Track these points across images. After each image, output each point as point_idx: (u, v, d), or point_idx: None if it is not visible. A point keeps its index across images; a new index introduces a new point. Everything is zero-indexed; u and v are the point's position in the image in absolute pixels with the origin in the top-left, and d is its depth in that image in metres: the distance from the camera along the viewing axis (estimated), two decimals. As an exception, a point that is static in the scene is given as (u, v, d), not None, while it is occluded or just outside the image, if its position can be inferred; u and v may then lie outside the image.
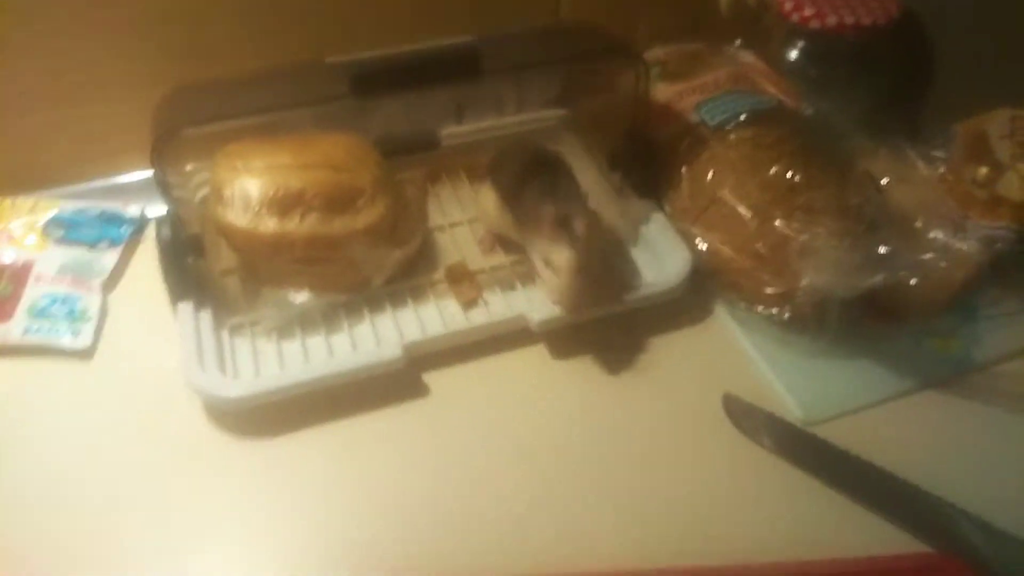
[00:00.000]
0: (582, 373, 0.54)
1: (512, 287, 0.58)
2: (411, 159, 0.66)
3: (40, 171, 0.62)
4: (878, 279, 0.50)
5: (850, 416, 0.52)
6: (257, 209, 0.53)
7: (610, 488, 0.48)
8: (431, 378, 0.53)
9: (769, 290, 0.54)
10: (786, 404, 0.52)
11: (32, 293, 0.56)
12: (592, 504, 0.47)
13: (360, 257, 0.55)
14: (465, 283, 0.58)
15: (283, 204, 0.53)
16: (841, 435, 0.50)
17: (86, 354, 0.54)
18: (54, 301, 0.56)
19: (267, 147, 0.55)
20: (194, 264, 0.54)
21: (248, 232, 0.53)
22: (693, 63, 0.65)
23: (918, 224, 0.57)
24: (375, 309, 0.57)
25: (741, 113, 0.58)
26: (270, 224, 0.53)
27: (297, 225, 0.53)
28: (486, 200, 0.59)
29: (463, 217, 0.64)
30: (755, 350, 0.55)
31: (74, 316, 0.55)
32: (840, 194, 0.54)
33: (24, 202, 0.61)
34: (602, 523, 0.46)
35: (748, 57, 0.66)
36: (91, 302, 0.57)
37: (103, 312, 0.57)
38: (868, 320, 0.56)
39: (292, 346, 0.54)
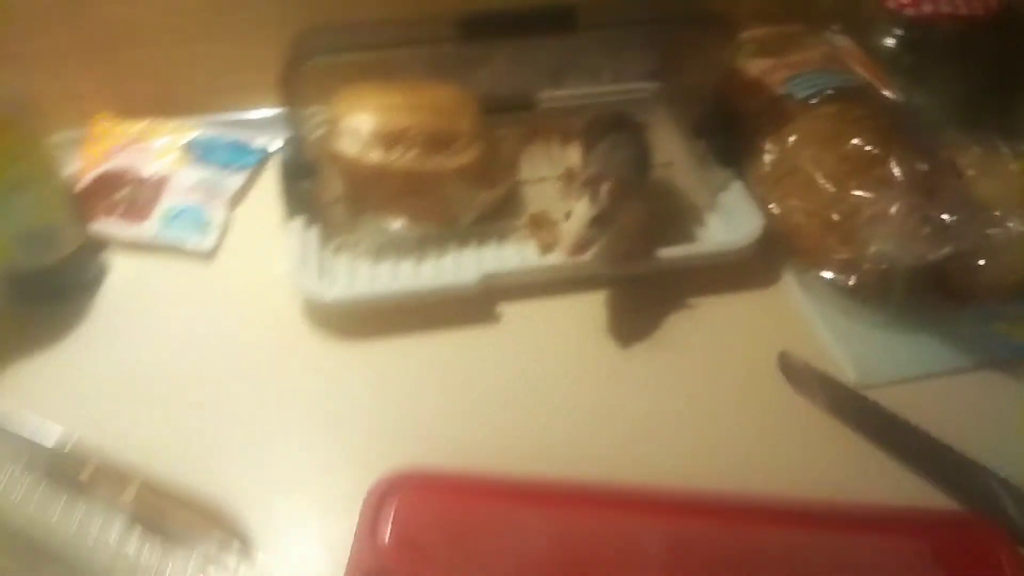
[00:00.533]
0: (644, 321, 0.58)
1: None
2: (510, 117, 0.71)
3: (183, 99, 0.70)
4: (944, 251, 0.51)
5: (904, 384, 0.53)
6: (366, 141, 0.59)
7: (656, 419, 0.52)
8: (504, 308, 0.58)
9: (837, 256, 0.56)
10: (841, 366, 0.54)
11: (167, 201, 0.64)
12: (638, 428, 0.51)
13: (451, 195, 0.60)
14: (545, 230, 0.62)
15: (388, 139, 0.59)
16: (892, 400, 0.52)
17: (207, 257, 0.62)
18: (185, 210, 0.64)
19: (382, 89, 0.62)
20: (308, 187, 0.61)
21: (355, 161, 0.59)
22: (788, 43, 0.67)
23: (996, 214, 0.58)
24: (462, 243, 0.62)
25: (828, 89, 0.60)
26: (375, 156, 0.59)
27: (398, 159, 0.59)
28: (572, 155, 0.64)
29: (551, 173, 0.68)
30: (817, 315, 0.57)
31: (200, 224, 0.63)
32: (918, 170, 0.55)
33: (167, 125, 0.69)
34: (648, 446, 0.50)
35: (844, 42, 0.68)
36: (216, 214, 0.64)
37: (226, 224, 0.64)
38: (937, 298, 0.57)
39: (384, 267, 0.60)
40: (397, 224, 0.60)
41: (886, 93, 0.63)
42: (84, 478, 0.46)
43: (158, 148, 0.68)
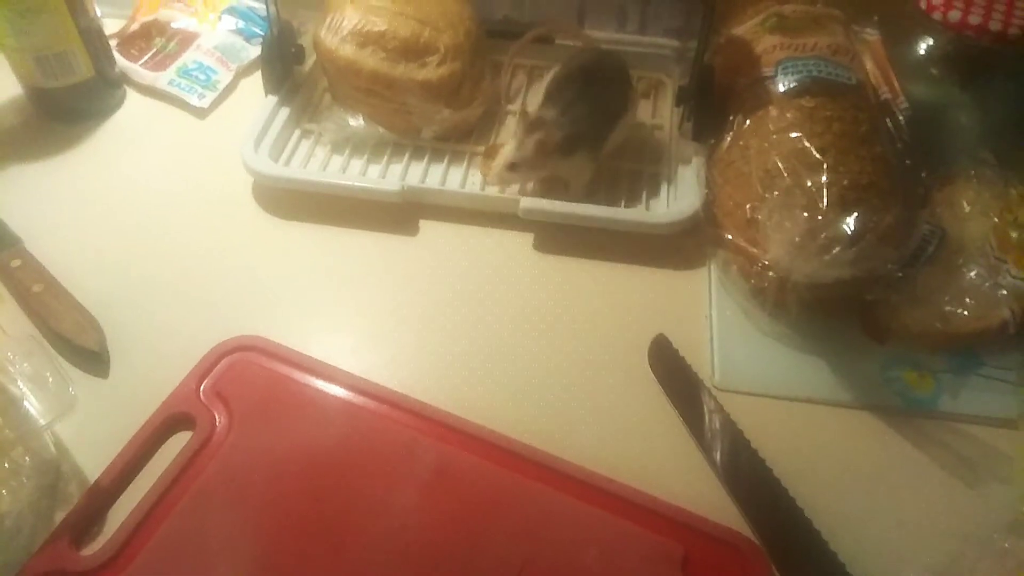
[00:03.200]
0: (552, 269, 0.58)
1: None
2: (522, 48, 0.71)
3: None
4: (834, 275, 0.48)
5: (765, 398, 0.51)
6: (343, 36, 0.62)
7: (530, 368, 0.52)
8: (426, 225, 0.61)
9: (748, 255, 0.53)
10: (710, 361, 0.53)
11: (187, 56, 0.71)
12: (507, 375, 0.52)
13: (412, 106, 0.62)
14: (497, 171, 0.63)
15: (363, 38, 0.61)
16: (745, 410, 0.50)
17: (201, 113, 0.69)
18: (199, 68, 0.70)
19: (377, -10, 0.64)
20: (285, 69, 0.65)
21: (329, 52, 0.62)
22: (811, 24, 0.62)
23: (960, 261, 0.53)
24: (415, 155, 0.64)
25: (814, 79, 0.56)
26: (347, 50, 0.61)
27: (366, 58, 0.61)
28: (536, 92, 0.63)
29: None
30: (714, 307, 0.55)
31: (207, 84, 0.70)
32: (855, 183, 0.50)
33: (215, -12, 0.76)
34: (507, 394, 0.51)
35: (871, 36, 0.61)
36: (223, 79, 0.70)
37: (228, 89, 0.70)
38: (860, 328, 0.54)
39: (338, 159, 0.64)
40: (356, 121, 0.64)
41: (887, 98, 0.57)
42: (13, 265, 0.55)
43: (200, 8, 0.74)
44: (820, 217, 0.49)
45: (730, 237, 0.54)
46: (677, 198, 0.60)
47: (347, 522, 0.44)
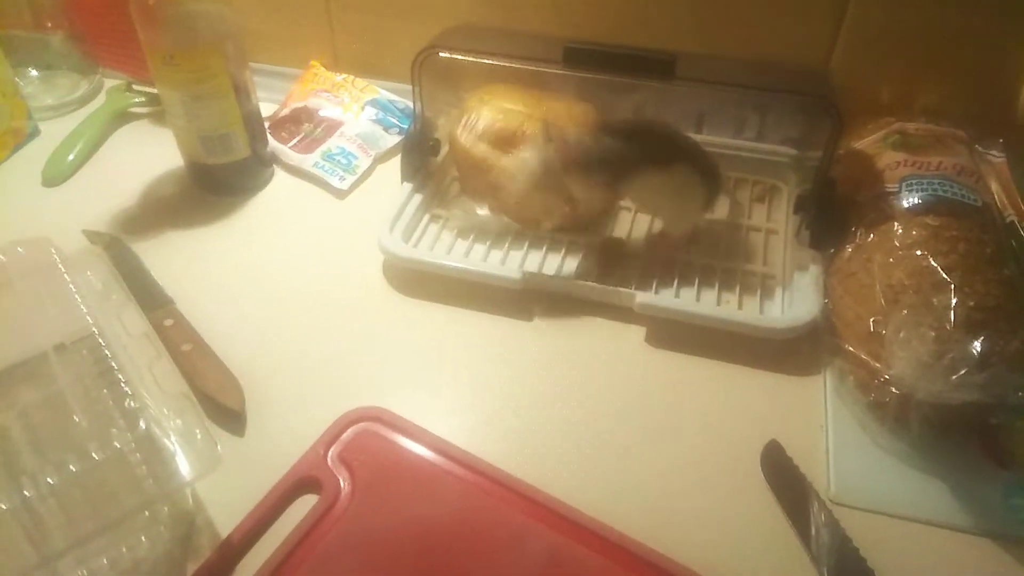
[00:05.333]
0: (664, 365, 0.59)
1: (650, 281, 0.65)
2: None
3: (379, 64, 0.83)
4: (961, 398, 0.47)
5: (881, 516, 0.50)
6: (478, 134, 0.66)
7: (641, 462, 0.53)
8: (542, 312, 0.63)
9: (869, 369, 0.53)
10: (825, 473, 0.52)
11: (332, 142, 0.77)
12: (617, 468, 0.53)
13: (536, 200, 0.66)
14: (609, 256, 0.66)
15: (496, 137, 0.66)
16: (860, 525, 0.49)
17: (341, 194, 0.74)
18: (341, 152, 0.76)
19: (513, 94, 0.69)
20: (423, 160, 0.70)
21: (464, 149, 0.67)
22: (935, 143, 0.63)
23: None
24: (534, 244, 0.67)
25: (939, 198, 0.56)
26: (480, 148, 0.66)
27: (498, 157, 0.66)
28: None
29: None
30: (830, 417, 0.55)
31: (348, 167, 0.75)
32: (981, 307, 0.50)
33: (360, 82, 0.83)
34: (616, 487, 0.52)
35: (997, 158, 0.62)
36: (363, 164, 0.76)
37: (365, 174, 0.76)
38: (979, 452, 0.52)
39: (463, 244, 0.68)
40: (484, 211, 0.67)
41: (1012, 220, 0.57)
42: (166, 324, 0.60)
43: (345, 99, 0.81)
44: (947, 337, 0.49)
45: (850, 348, 0.54)
46: (793, 304, 0.60)
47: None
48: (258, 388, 0.57)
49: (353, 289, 0.66)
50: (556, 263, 0.66)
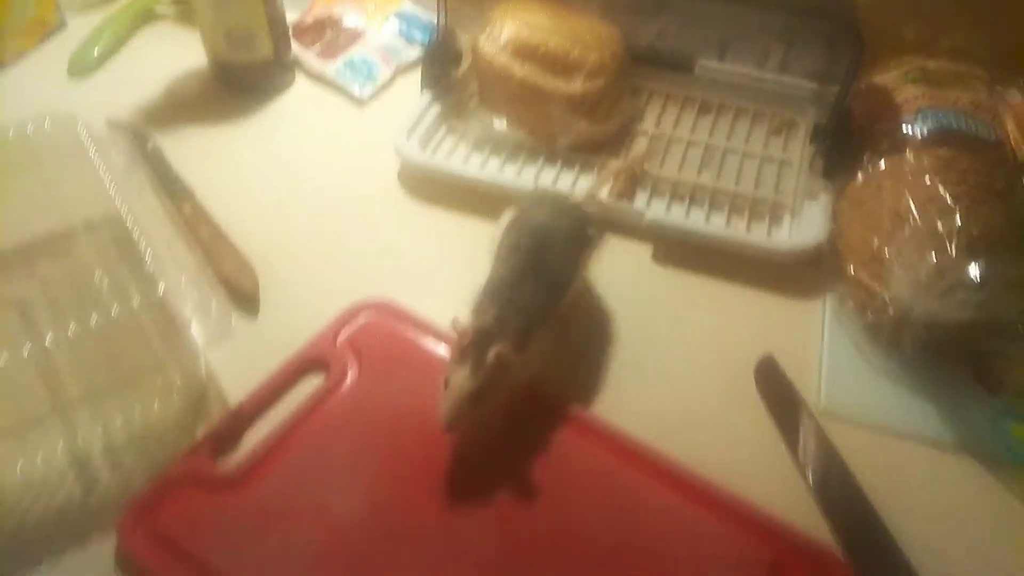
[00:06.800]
0: (667, 282, 0.61)
1: (664, 197, 0.66)
2: (662, 74, 0.75)
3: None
4: (957, 318, 0.48)
5: (867, 429, 0.51)
6: (501, 45, 0.67)
7: (643, 369, 0.55)
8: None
9: (869, 290, 0.54)
10: (816, 386, 0.54)
11: (354, 51, 0.78)
12: (621, 373, 0.55)
13: (553, 115, 0.67)
14: (624, 179, 0.66)
15: (518, 48, 0.66)
16: (846, 437, 0.51)
17: (360, 103, 0.75)
18: (363, 62, 0.77)
19: (537, 8, 0.69)
20: (443, 71, 0.71)
21: (486, 58, 0.67)
22: (955, 80, 0.63)
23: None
24: (549, 161, 0.68)
25: (952, 129, 0.57)
26: (502, 58, 0.66)
27: (518, 67, 0.66)
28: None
29: (669, 135, 0.71)
30: (827, 338, 0.56)
31: (368, 77, 0.76)
32: (985, 235, 0.51)
33: (383, -6, 0.83)
34: (618, 390, 0.53)
35: (1016, 98, 0.62)
36: (383, 75, 0.77)
37: (386, 85, 0.77)
38: (970, 377, 0.54)
39: (477, 157, 0.69)
40: (501, 124, 0.68)
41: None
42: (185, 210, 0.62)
43: (370, 9, 0.81)
44: (948, 260, 0.50)
45: (853, 271, 0.55)
46: (800, 229, 0.61)
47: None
48: (272, 276, 0.59)
49: (368, 193, 0.67)
50: (569, 180, 0.67)
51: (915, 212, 0.54)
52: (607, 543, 0.45)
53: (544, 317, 0.49)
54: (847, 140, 0.62)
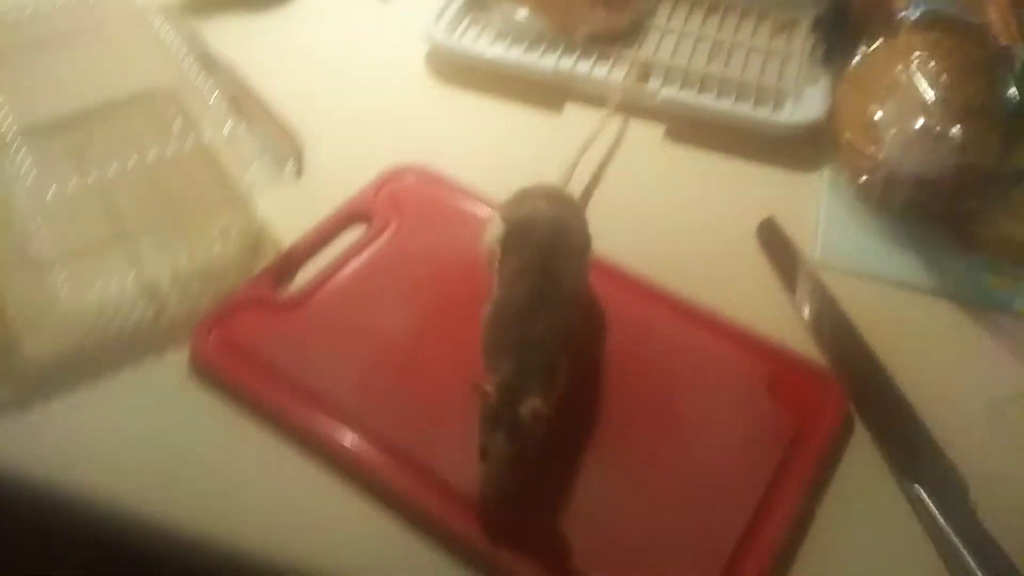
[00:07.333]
0: (677, 158, 0.66)
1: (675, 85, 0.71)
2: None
3: None
4: (941, 165, 0.54)
5: (858, 277, 0.57)
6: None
7: (656, 227, 0.60)
8: (570, 108, 0.69)
9: (863, 155, 0.60)
10: (813, 242, 0.59)
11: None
12: (637, 230, 0.60)
13: (574, 4, 0.71)
14: (639, 67, 0.71)
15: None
16: (838, 283, 0.56)
17: (387, -2, 0.80)
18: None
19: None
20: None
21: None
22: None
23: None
24: (568, 49, 0.73)
25: (940, 16, 0.62)
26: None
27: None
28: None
29: (680, 30, 0.76)
30: (823, 204, 0.62)
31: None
32: (966, 103, 0.57)
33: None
34: (634, 245, 0.58)
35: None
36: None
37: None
38: (951, 236, 0.59)
39: (500, 45, 0.73)
40: (522, 14, 0.72)
41: (1006, 45, 0.62)
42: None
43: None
44: (935, 121, 0.55)
45: (848, 138, 0.61)
46: (802, 108, 0.67)
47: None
48: (314, 143, 0.63)
49: (397, 73, 0.72)
50: (587, 68, 0.71)
51: (905, 83, 0.59)
52: (621, 369, 0.50)
53: (566, 341, 0.44)
54: (845, 27, 0.67)
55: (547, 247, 0.46)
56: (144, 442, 0.46)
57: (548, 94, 0.69)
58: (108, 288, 0.52)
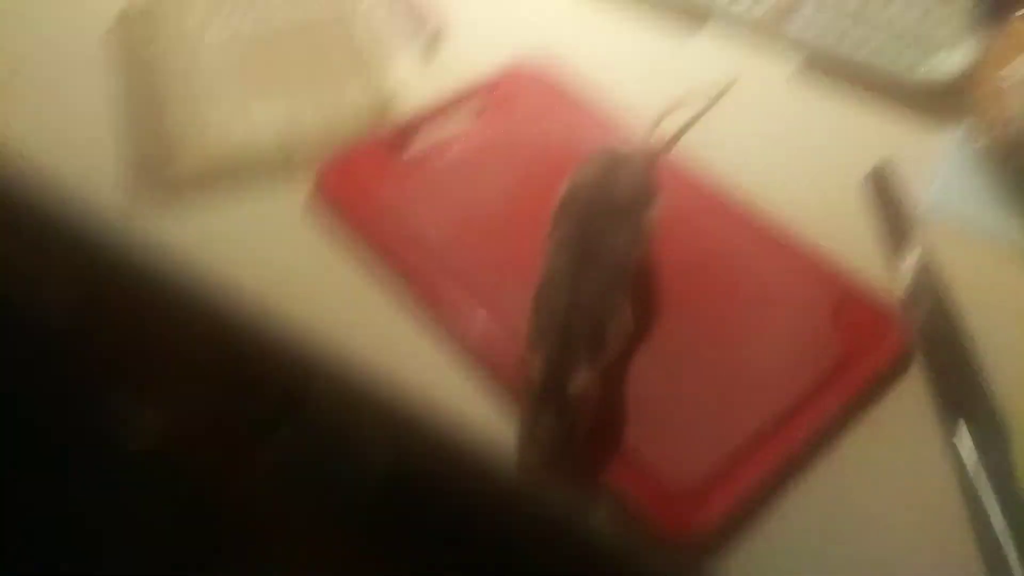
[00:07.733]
0: (807, 95, 0.66)
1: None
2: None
3: None
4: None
5: (962, 234, 0.56)
6: None
7: (768, 153, 0.61)
8: (703, 35, 0.71)
9: (993, 113, 0.58)
10: (924, 193, 0.59)
11: None
12: (745, 153, 0.60)
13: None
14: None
15: None
16: (942, 239, 0.56)
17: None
18: None
19: None
20: None
21: None
22: None
23: None
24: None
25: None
26: None
27: None
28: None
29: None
30: (948, 152, 0.61)
31: None
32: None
33: None
34: (743, 164, 0.59)
35: None
36: None
37: None
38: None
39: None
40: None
41: None
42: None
43: None
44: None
45: (985, 92, 0.59)
46: (942, 63, 0.64)
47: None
48: (453, 19, 0.68)
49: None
50: None
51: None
52: (688, 280, 0.52)
53: (615, 307, 0.43)
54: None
55: (584, 217, 0.46)
56: (264, 259, 0.53)
57: (679, 17, 0.71)
58: (251, 124, 0.59)
